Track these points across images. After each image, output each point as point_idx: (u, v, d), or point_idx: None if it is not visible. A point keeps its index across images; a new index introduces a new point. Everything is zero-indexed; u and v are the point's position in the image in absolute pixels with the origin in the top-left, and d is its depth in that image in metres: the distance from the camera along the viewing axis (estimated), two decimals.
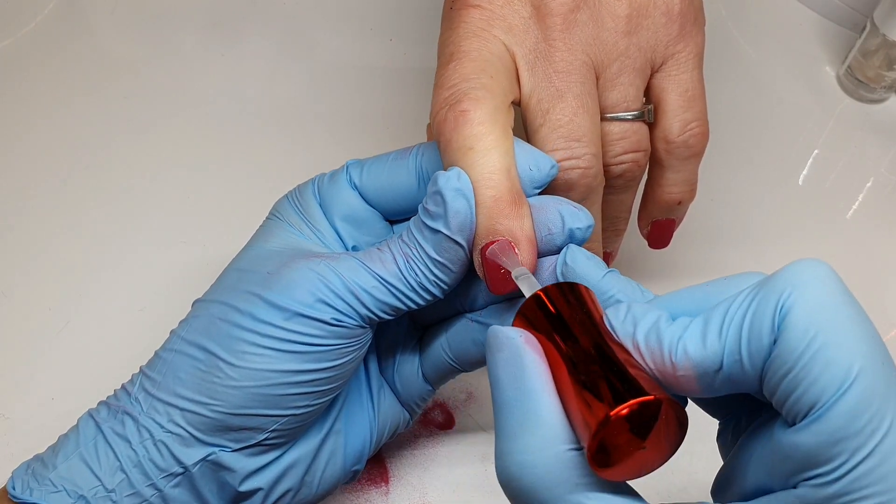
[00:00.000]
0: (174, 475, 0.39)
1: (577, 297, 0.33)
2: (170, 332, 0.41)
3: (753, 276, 0.31)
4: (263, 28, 0.65)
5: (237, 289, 0.39)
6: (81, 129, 0.60)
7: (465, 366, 0.43)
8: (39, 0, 0.64)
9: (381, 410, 0.44)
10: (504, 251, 0.37)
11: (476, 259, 0.38)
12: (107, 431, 0.39)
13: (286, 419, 0.38)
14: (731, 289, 0.31)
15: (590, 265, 0.37)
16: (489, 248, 0.37)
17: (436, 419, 0.51)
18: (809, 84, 0.65)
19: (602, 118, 0.42)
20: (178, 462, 0.38)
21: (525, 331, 0.33)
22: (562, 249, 0.38)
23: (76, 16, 0.65)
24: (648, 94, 0.44)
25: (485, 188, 0.37)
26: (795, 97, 0.64)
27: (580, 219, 0.38)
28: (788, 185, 0.61)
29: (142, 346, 0.42)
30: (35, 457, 0.40)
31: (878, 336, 0.28)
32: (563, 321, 0.32)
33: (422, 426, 0.51)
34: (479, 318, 0.41)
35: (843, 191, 0.61)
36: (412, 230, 0.38)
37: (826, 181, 0.61)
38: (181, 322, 0.41)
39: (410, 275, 0.38)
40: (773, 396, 0.28)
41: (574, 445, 0.30)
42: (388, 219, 0.43)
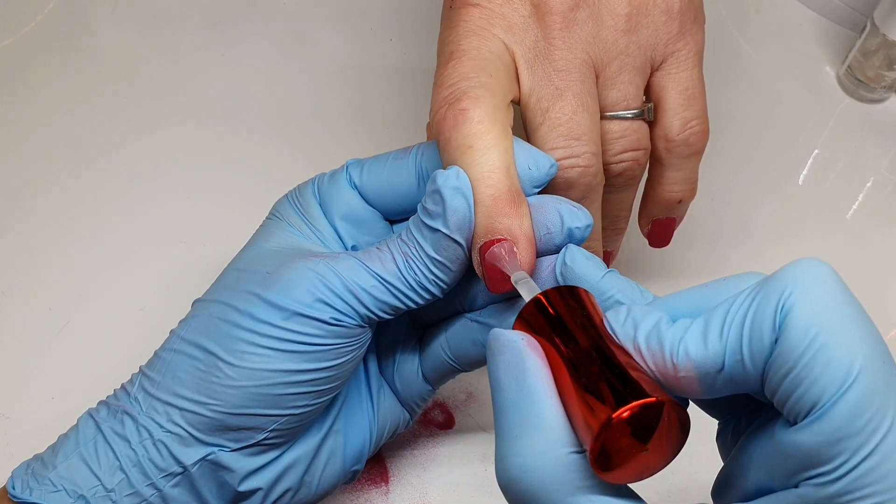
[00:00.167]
0: (173, 475, 0.39)
1: (577, 300, 0.33)
2: (169, 332, 0.41)
3: (753, 277, 0.31)
4: (263, 28, 0.65)
5: (236, 289, 0.39)
6: (81, 129, 0.60)
7: (465, 366, 0.43)
8: (39, 0, 0.64)
9: (381, 410, 0.44)
10: (503, 254, 0.37)
11: (475, 258, 0.38)
12: (106, 431, 0.39)
13: (285, 419, 0.38)
14: (731, 289, 0.31)
15: (589, 265, 0.37)
16: (488, 252, 0.37)
17: (436, 419, 0.51)
18: (809, 84, 0.65)
19: (602, 117, 0.42)
20: (178, 462, 0.38)
21: (526, 334, 0.33)
22: (561, 249, 0.38)
23: (76, 16, 0.65)
24: (648, 93, 0.44)
25: (484, 187, 0.37)
26: (795, 97, 0.64)
27: (579, 218, 0.38)
28: (788, 185, 0.61)
29: (142, 346, 0.42)
30: (35, 456, 0.40)
31: (879, 335, 0.28)
32: (564, 324, 0.32)
33: (422, 426, 0.51)
34: (479, 318, 0.41)
35: (843, 191, 0.61)
36: (411, 229, 0.38)
37: (826, 181, 0.61)
38: (181, 322, 0.40)
39: (409, 274, 0.38)
40: (775, 396, 0.28)
41: (576, 448, 0.30)
42: (388, 219, 0.43)
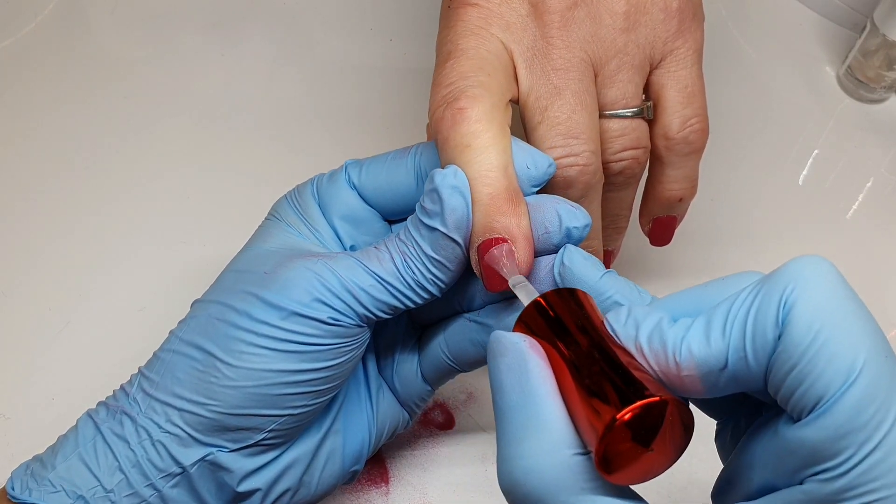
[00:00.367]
0: (172, 475, 0.38)
1: (577, 302, 0.33)
2: (168, 333, 0.41)
3: (752, 276, 0.31)
4: (263, 28, 0.65)
5: (235, 289, 0.39)
6: (81, 129, 0.60)
7: (464, 366, 0.42)
8: (39, 0, 0.65)
9: (380, 410, 0.43)
10: (501, 257, 0.36)
11: (473, 257, 0.37)
12: (105, 432, 0.39)
13: (284, 419, 0.38)
14: (731, 288, 0.31)
15: (587, 266, 0.37)
16: (486, 255, 0.37)
17: (436, 419, 0.51)
18: (809, 84, 0.65)
19: (601, 115, 0.42)
20: (177, 462, 0.38)
21: (528, 336, 0.33)
22: (559, 248, 0.38)
23: (76, 16, 0.65)
24: (647, 91, 0.44)
25: (482, 185, 0.37)
26: (795, 97, 0.64)
27: (578, 217, 0.38)
28: (788, 185, 0.61)
29: (141, 346, 0.42)
30: (34, 457, 0.40)
31: (881, 330, 0.28)
32: (565, 326, 0.32)
33: (422, 426, 0.51)
34: (477, 318, 0.41)
35: (843, 191, 0.61)
36: (409, 228, 0.38)
37: (826, 181, 0.61)
38: (179, 322, 0.40)
39: (408, 273, 0.38)
40: (778, 392, 0.28)
41: (579, 450, 0.30)
42: (387, 219, 0.43)
